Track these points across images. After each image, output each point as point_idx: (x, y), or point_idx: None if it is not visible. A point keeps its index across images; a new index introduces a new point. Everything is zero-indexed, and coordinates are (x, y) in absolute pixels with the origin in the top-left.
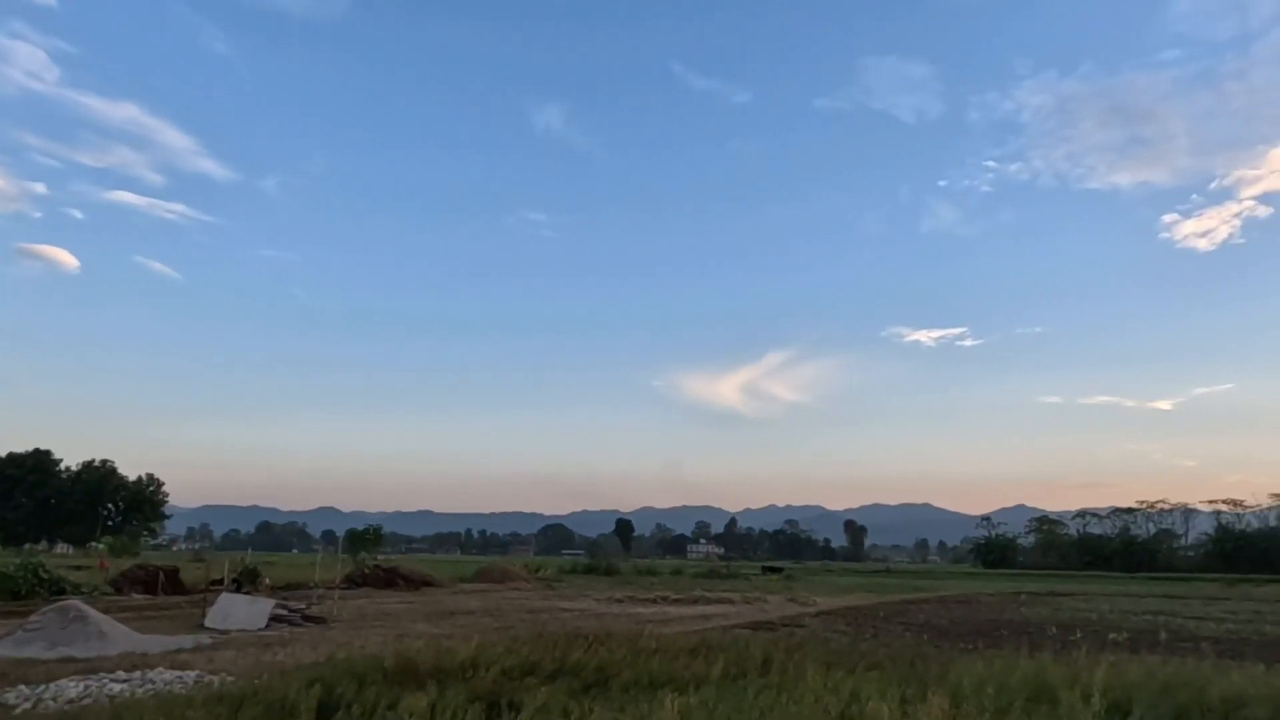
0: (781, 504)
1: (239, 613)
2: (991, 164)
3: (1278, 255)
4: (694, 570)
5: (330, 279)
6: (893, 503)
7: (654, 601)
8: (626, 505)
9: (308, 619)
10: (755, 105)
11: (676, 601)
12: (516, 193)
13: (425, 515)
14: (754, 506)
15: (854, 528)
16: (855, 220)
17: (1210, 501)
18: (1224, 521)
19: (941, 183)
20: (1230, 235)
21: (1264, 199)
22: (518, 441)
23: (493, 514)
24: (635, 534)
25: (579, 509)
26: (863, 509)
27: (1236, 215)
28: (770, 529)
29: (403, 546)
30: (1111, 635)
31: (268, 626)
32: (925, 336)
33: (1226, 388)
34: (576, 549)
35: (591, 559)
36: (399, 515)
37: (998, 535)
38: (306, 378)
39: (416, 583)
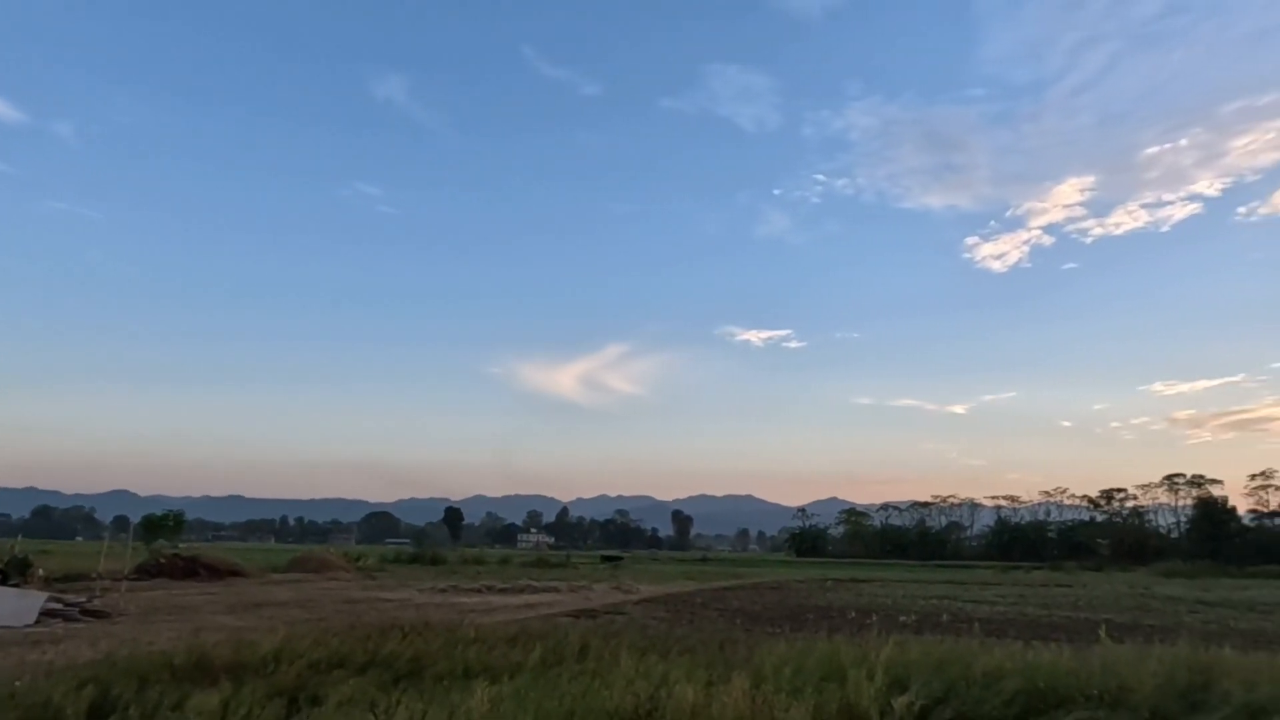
0: (613, 494)
1: (3, 607)
2: (821, 177)
3: (1056, 281)
4: (523, 559)
5: (132, 240)
6: (719, 494)
7: (479, 591)
8: (457, 493)
9: (88, 613)
10: (604, 98)
11: (503, 591)
12: (351, 164)
13: (235, 501)
14: (586, 496)
15: (681, 518)
16: (695, 221)
17: (993, 497)
18: (1003, 515)
19: (776, 191)
20: (1020, 260)
21: (1048, 229)
22: (341, 424)
23: (312, 500)
24: (465, 523)
25: (406, 496)
26: (690, 500)
27: (1026, 242)
28: (601, 519)
29: (209, 534)
30: (902, 618)
31: (38, 622)
32: (755, 337)
33: (1010, 395)
34: (402, 538)
35: (417, 548)
36: (206, 501)
37: (811, 526)
38: (99, 347)
39: (221, 572)
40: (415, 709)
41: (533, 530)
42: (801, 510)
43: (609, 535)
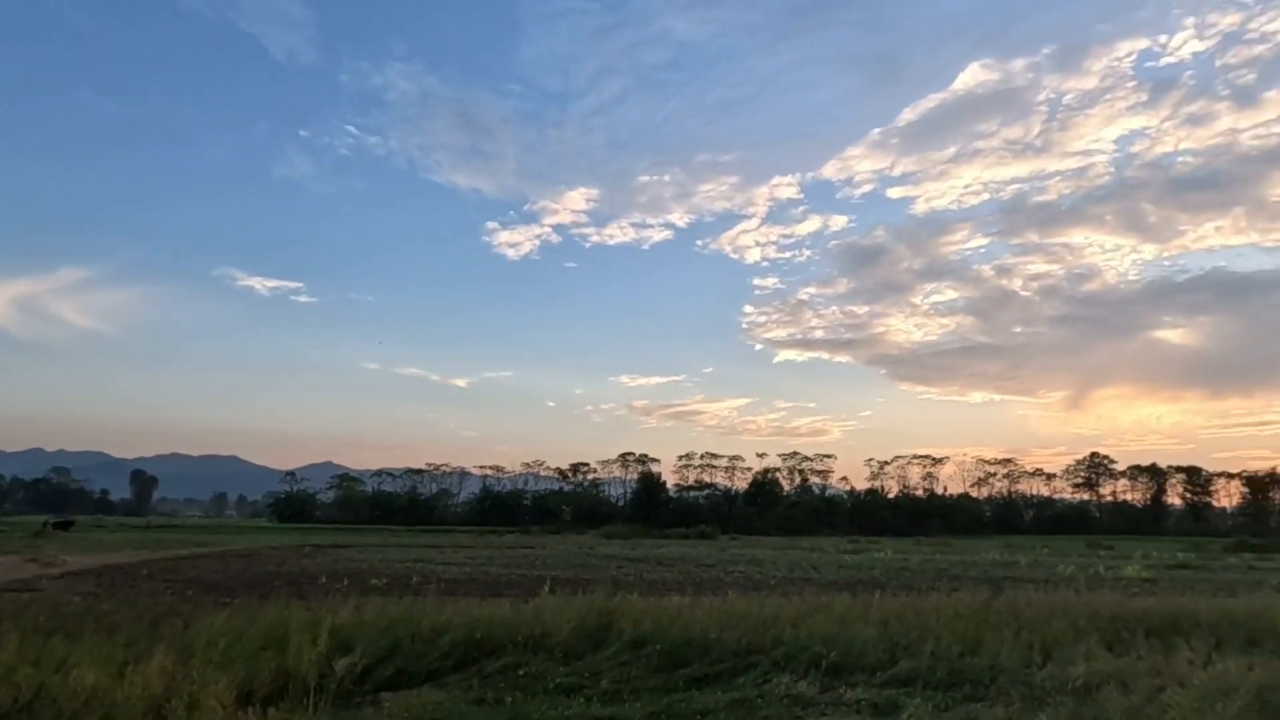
0: (52, 448)
1: None
2: (354, 130)
3: (558, 276)
4: None
5: None
6: (196, 453)
7: None
8: None
9: None
10: None
11: None
12: None
13: None
14: (12, 449)
15: (143, 479)
16: (200, 142)
17: (481, 467)
18: (488, 484)
19: (303, 132)
20: (531, 251)
21: (557, 229)
22: None
23: None
24: None
25: None
26: (160, 459)
27: (538, 237)
28: (31, 477)
29: None
30: (374, 581)
31: None
32: (261, 284)
33: (508, 374)
34: None
35: None
36: None
37: (299, 491)
38: None
39: None
40: None
41: None
42: (291, 474)
43: (39, 497)
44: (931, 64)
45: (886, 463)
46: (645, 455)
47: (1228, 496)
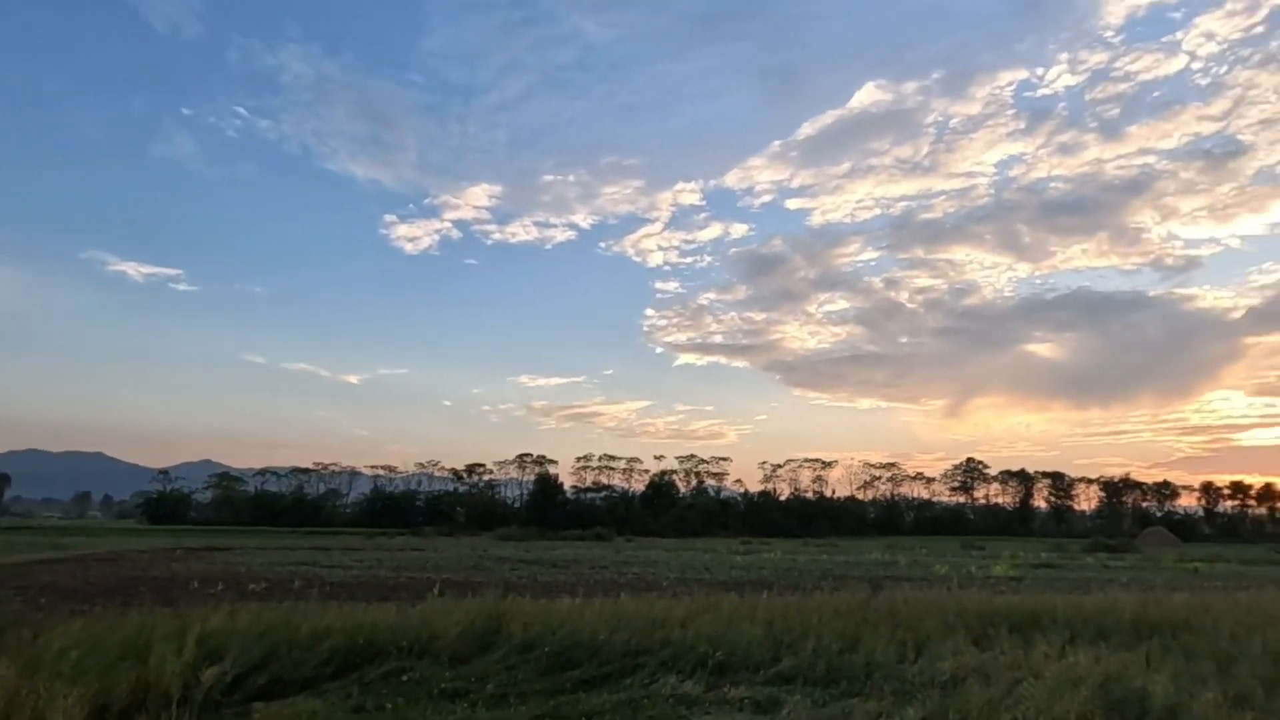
0: None
1: None
2: (243, 111)
3: (458, 273)
4: None
5: None
6: (56, 450)
7: None
8: None
9: None
10: None
11: None
12: None
13: None
14: None
15: None
16: (70, 114)
17: (372, 467)
18: (379, 484)
19: (186, 111)
20: (430, 246)
21: (458, 224)
22: None
23: None
24: None
25: None
26: (13, 455)
27: (438, 232)
28: None
29: None
30: (252, 585)
31: None
32: (135, 270)
33: (403, 371)
34: None
35: None
36: None
37: (172, 490)
38: None
39: None
40: None
41: None
42: (164, 473)
43: None
44: (830, 82)
45: (779, 466)
46: (543, 456)
47: (1087, 500)
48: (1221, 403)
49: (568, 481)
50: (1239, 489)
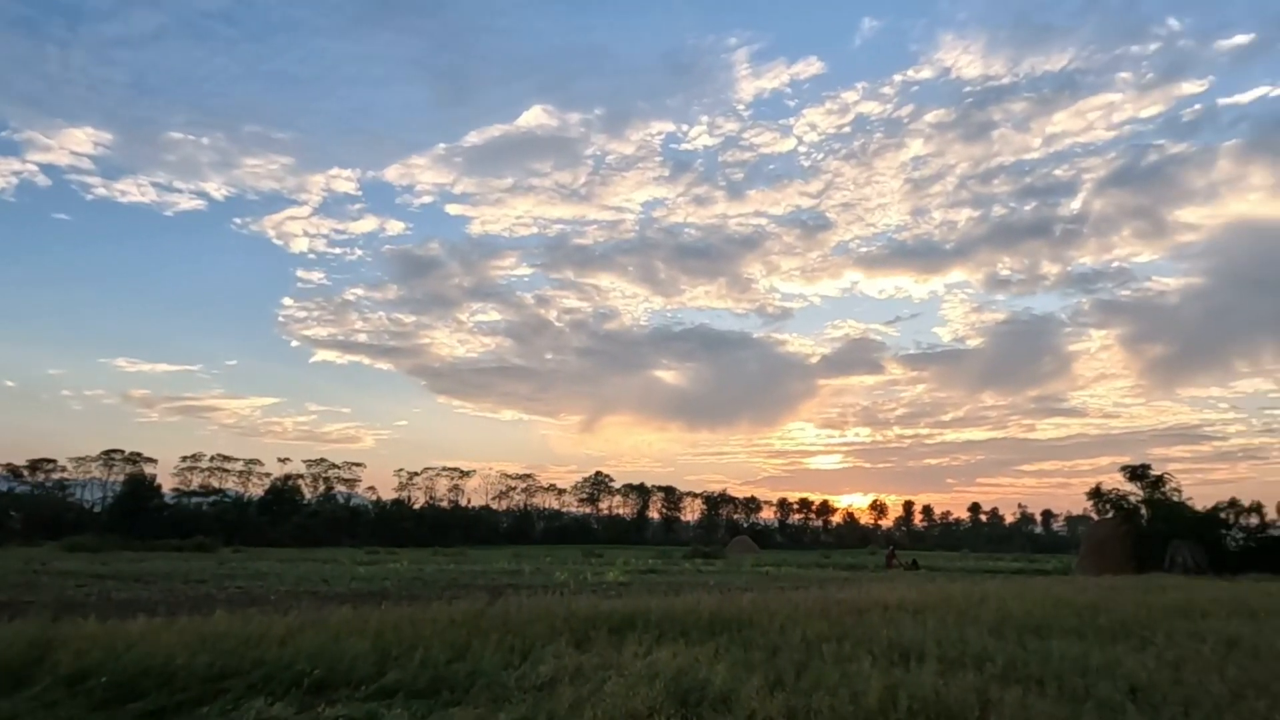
0: None
1: None
2: None
3: (43, 227)
4: None
5: None
6: None
7: None
8: None
9: None
10: None
11: None
12: None
13: None
14: None
15: None
16: None
17: None
18: None
19: None
20: (4, 190)
21: (47, 170)
22: None
23: None
24: None
25: None
26: None
27: (16, 174)
28: None
29: None
30: None
31: None
32: None
33: None
34: None
35: None
36: None
37: None
38: None
39: None
40: None
41: None
42: None
43: None
44: (500, 95)
45: (416, 473)
46: (138, 454)
47: (692, 512)
48: (799, 431)
49: (169, 484)
50: (805, 504)
